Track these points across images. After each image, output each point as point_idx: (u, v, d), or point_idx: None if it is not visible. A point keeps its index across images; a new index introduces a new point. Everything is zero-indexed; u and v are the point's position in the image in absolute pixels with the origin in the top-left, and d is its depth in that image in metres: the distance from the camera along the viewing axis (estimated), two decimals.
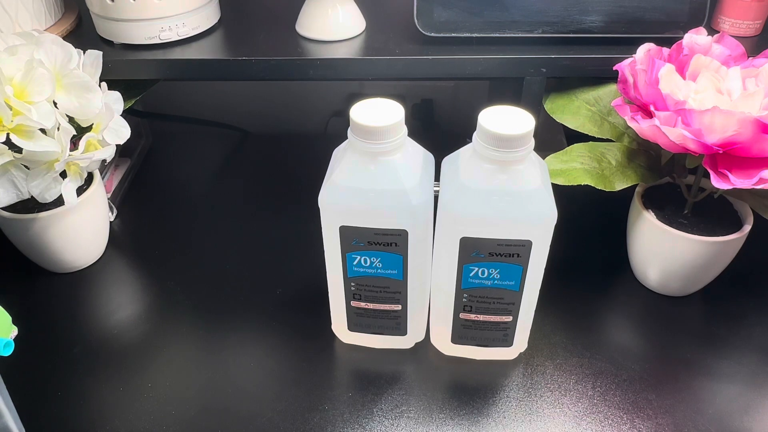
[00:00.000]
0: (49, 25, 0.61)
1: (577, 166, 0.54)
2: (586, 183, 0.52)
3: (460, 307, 0.48)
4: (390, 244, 0.45)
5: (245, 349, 0.54)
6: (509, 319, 0.49)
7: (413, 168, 0.44)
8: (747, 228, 0.53)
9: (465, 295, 0.47)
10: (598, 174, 0.54)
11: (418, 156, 0.45)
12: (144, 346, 0.54)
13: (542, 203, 0.42)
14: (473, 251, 0.44)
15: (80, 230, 0.59)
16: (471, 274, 0.46)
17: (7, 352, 0.36)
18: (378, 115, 0.41)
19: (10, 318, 0.38)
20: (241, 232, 0.68)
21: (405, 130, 0.43)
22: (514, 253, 0.44)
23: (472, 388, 0.50)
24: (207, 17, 0.61)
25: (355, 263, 0.47)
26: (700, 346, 0.54)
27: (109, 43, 0.59)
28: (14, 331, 0.39)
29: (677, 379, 0.51)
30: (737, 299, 0.58)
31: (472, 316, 0.49)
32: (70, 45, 0.52)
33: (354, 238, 0.45)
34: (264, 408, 0.48)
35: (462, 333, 0.50)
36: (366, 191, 0.43)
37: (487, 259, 0.45)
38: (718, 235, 0.52)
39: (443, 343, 0.52)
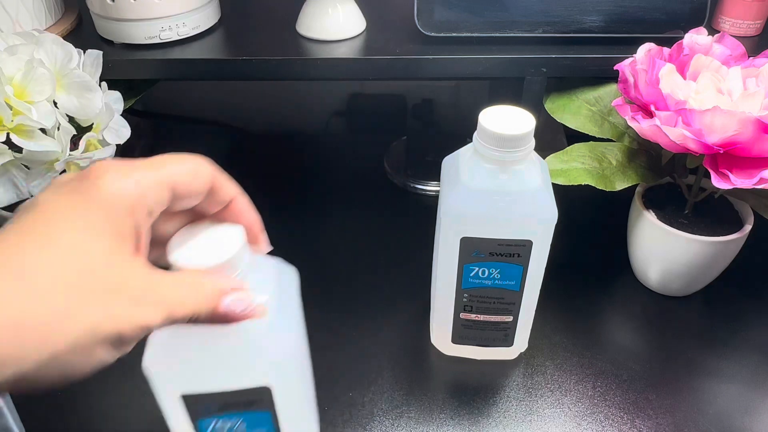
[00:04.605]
0: (50, 25, 0.61)
1: (577, 166, 0.54)
2: (586, 183, 0.52)
3: (460, 306, 0.48)
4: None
5: None
6: (509, 318, 0.49)
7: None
8: (747, 228, 0.53)
9: (465, 294, 0.47)
10: (599, 174, 0.53)
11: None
12: (144, 346, 0.54)
13: (543, 203, 0.42)
14: (473, 251, 0.44)
15: None
16: (471, 274, 0.46)
17: None
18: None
19: None
20: None
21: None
22: (515, 253, 0.44)
23: (473, 388, 0.50)
24: (207, 17, 0.61)
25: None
26: (700, 346, 0.54)
27: (110, 42, 0.59)
28: None
29: (678, 379, 0.51)
30: (738, 299, 0.58)
31: (473, 316, 0.49)
32: (71, 45, 0.51)
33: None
34: None
35: (462, 333, 0.50)
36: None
37: (487, 259, 0.45)
38: (719, 235, 0.52)
39: (444, 342, 0.52)
